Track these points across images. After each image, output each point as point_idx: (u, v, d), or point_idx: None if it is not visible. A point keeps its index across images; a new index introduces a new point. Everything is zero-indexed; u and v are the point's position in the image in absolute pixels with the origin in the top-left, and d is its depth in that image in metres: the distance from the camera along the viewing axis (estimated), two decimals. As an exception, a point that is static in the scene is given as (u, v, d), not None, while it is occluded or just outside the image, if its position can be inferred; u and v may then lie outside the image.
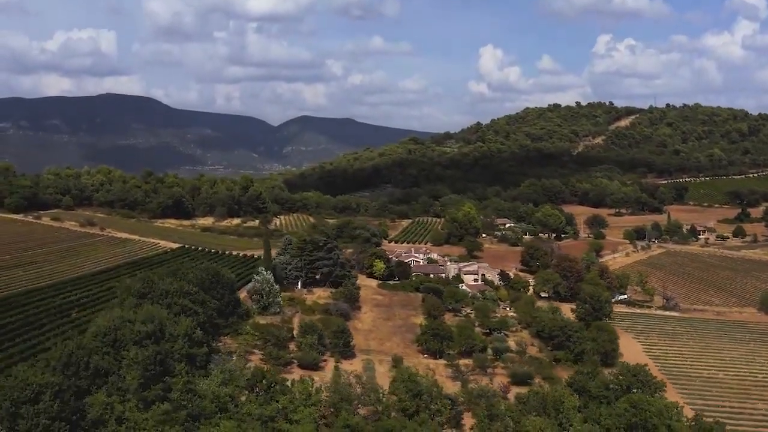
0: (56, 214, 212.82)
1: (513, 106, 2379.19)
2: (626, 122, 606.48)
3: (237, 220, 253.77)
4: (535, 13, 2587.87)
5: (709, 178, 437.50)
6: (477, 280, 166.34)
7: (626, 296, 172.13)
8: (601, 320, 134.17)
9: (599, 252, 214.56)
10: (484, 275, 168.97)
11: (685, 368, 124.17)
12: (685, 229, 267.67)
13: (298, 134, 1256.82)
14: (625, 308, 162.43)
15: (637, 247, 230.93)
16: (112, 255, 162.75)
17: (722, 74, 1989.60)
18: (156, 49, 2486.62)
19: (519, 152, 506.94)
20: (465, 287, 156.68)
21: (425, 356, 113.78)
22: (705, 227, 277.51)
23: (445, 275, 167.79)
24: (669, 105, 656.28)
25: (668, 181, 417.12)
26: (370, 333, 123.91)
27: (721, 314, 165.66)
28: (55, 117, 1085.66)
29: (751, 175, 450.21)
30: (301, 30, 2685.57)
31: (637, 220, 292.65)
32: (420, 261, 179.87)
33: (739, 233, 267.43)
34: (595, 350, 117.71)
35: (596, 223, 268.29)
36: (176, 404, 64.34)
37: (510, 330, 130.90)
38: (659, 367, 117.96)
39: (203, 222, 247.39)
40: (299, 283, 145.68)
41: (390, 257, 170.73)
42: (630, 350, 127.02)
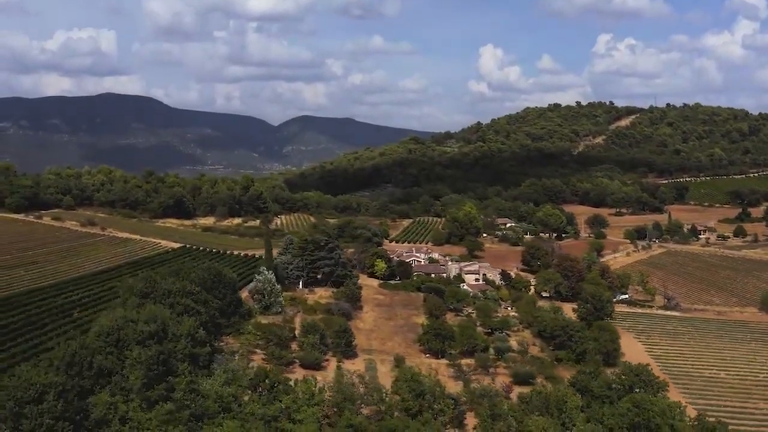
0: (57, 214, 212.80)
1: (513, 106, 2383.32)
2: (627, 122, 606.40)
3: (238, 220, 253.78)
4: (535, 13, 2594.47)
5: (710, 178, 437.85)
6: (478, 280, 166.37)
7: (627, 296, 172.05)
8: (603, 320, 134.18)
9: (600, 252, 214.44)
10: (486, 275, 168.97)
11: (687, 368, 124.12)
12: (686, 229, 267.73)
13: (298, 134, 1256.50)
14: (627, 308, 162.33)
15: (638, 247, 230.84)
16: (114, 255, 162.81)
17: (722, 74, 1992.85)
18: (156, 49, 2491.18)
19: (519, 152, 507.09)
20: (466, 287, 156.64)
21: (427, 356, 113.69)
22: (706, 227, 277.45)
23: (447, 275, 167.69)
24: (669, 105, 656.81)
25: (669, 181, 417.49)
26: (372, 333, 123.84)
27: (722, 314, 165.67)
28: (55, 117, 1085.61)
29: (752, 175, 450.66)
30: (302, 29, 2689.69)
31: (638, 220, 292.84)
32: (421, 261, 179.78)
33: (740, 233, 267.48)
34: (597, 350, 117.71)
35: (597, 223, 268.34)
36: (179, 404, 64.32)
37: (511, 330, 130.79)
38: (661, 367, 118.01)
39: (204, 222, 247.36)
40: (300, 283, 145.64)
41: (391, 257, 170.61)
42: (631, 350, 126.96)
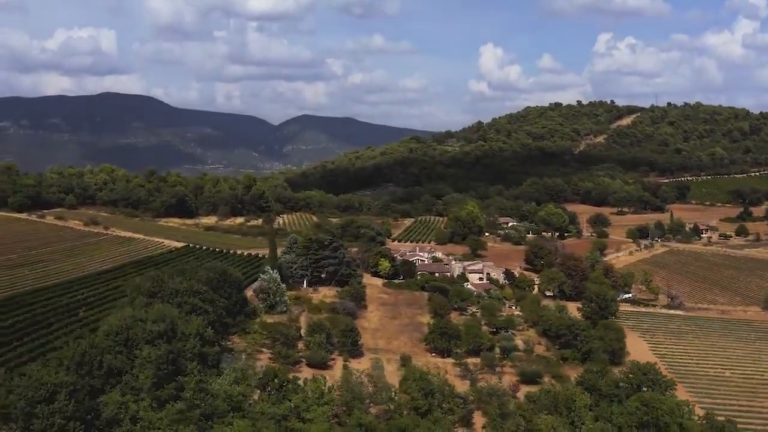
0: (60, 213, 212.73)
1: (513, 105, 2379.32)
2: (628, 121, 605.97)
3: (240, 219, 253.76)
4: (536, 12, 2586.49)
5: (711, 177, 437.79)
6: (482, 279, 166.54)
7: (631, 295, 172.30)
8: (607, 319, 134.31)
9: (603, 251, 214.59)
10: (489, 274, 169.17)
11: (692, 367, 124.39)
12: (688, 228, 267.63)
13: (299, 133, 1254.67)
14: (630, 307, 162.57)
15: (641, 246, 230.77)
16: (117, 254, 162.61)
17: (722, 73, 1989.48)
18: (156, 48, 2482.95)
19: (521, 151, 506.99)
20: (470, 286, 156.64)
21: (433, 355, 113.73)
22: (708, 226, 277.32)
23: (450, 274, 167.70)
24: (670, 104, 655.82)
25: (670, 180, 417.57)
26: (377, 332, 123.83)
27: (726, 313, 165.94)
28: (56, 116, 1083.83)
29: (753, 174, 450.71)
30: (302, 29, 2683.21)
31: (640, 219, 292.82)
32: (425, 260, 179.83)
33: (742, 232, 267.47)
34: (603, 349, 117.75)
35: (599, 222, 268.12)
36: (190, 403, 64.26)
37: (516, 329, 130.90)
38: (666, 366, 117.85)
39: (206, 221, 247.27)
40: (304, 282, 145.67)
41: (395, 256, 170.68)
42: (636, 349, 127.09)
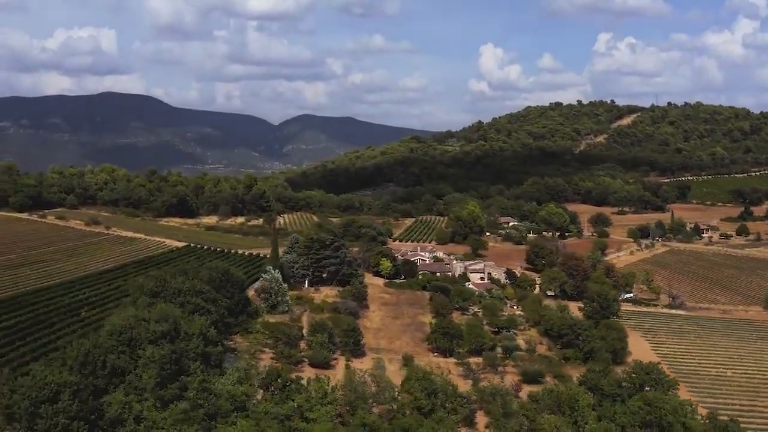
0: (61, 213, 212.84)
1: (513, 105, 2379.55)
2: (628, 121, 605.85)
3: (241, 219, 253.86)
4: (536, 12, 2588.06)
5: (712, 177, 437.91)
6: (483, 279, 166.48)
7: (632, 294, 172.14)
8: (609, 318, 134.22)
9: (604, 250, 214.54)
10: (491, 274, 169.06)
11: (694, 366, 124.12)
12: (689, 228, 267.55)
13: (299, 133, 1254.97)
14: (632, 307, 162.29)
15: (642, 246, 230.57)
16: (119, 254, 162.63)
17: (723, 72, 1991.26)
18: (156, 48, 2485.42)
19: (521, 151, 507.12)
20: (471, 286, 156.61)
21: (435, 355, 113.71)
22: (708, 225, 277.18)
23: (452, 274, 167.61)
24: (671, 103, 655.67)
25: (671, 180, 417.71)
26: (379, 332, 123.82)
27: (727, 312, 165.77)
28: (56, 116, 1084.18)
29: (754, 174, 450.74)
30: (302, 28, 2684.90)
31: (641, 219, 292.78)
32: (426, 259, 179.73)
33: (743, 231, 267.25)
34: (605, 349, 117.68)
35: (600, 222, 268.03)
36: (193, 403, 64.27)
37: (518, 328, 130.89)
38: (668, 366, 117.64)
39: (207, 220, 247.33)
40: (306, 282, 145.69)
41: (396, 256, 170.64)
42: (638, 348, 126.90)
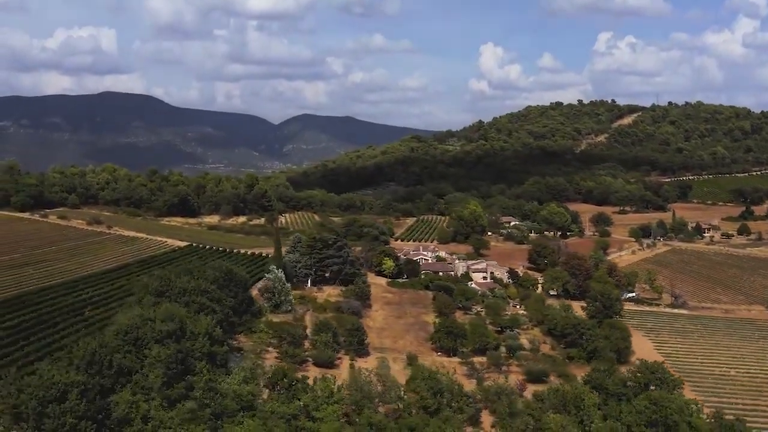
0: (62, 213, 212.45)
1: (513, 104, 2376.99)
2: (629, 120, 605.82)
3: (242, 219, 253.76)
4: (536, 11, 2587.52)
5: (713, 176, 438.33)
6: (486, 278, 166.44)
7: (635, 294, 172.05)
8: (612, 318, 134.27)
9: (606, 250, 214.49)
10: (493, 273, 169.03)
11: (697, 366, 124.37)
12: (690, 227, 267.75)
13: (299, 132, 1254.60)
14: (634, 306, 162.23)
15: (643, 245, 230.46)
16: (121, 253, 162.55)
17: (723, 72, 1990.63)
18: (156, 47, 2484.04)
19: (522, 150, 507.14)
20: (474, 285, 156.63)
21: (439, 354, 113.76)
22: (710, 225, 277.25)
23: (454, 273, 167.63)
24: (671, 103, 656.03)
25: (672, 179, 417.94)
26: (383, 331, 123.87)
27: (729, 312, 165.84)
28: (56, 115, 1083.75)
29: (755, 173, 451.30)
30: (302, 28, 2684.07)
31: (642, 218, 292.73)
32: (429, 259, 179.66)
33: (744, 231, 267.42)
34: (609, 348, 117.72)
35: (601, 221, 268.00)
36: (200, 402, 64.30)
37: (521, 328, 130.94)
38: (671, 365, 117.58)
39: (209, 220, 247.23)
40: (309, 281, 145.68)
41: (398, 255, 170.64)
42: (641, 348, 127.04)
